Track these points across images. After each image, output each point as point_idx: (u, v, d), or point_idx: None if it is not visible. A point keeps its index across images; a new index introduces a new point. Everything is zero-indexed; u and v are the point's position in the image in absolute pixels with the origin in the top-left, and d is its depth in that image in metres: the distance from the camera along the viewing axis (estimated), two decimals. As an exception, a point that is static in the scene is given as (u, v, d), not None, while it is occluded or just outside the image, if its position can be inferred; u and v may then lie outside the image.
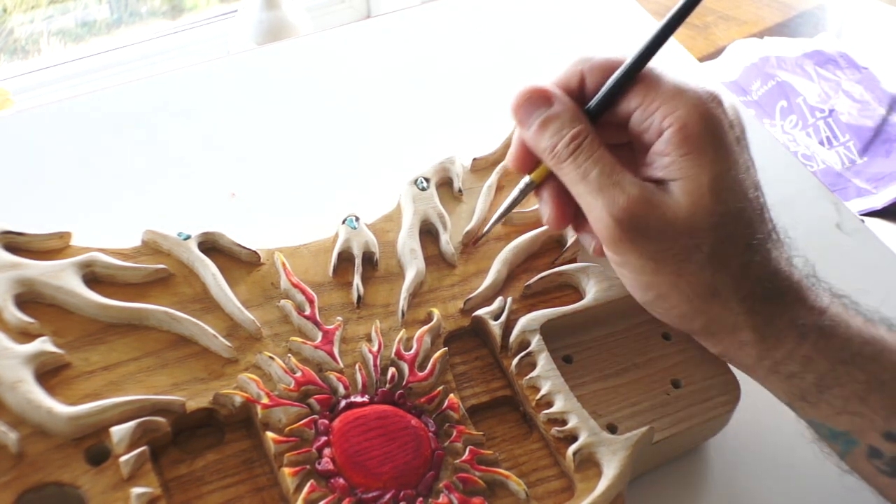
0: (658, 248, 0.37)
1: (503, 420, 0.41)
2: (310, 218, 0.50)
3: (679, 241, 0.37)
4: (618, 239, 0.37)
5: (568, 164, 0.38)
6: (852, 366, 0.37)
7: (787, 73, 1.07)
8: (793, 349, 0.38)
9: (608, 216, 0.37)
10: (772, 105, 1.27)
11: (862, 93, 1.20)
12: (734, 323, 0.38)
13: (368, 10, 1.77)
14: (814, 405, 0.38)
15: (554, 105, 0.39)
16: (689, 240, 0.37)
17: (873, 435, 0.38)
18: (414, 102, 0.62)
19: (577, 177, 0.38)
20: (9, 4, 1.49)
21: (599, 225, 0.37)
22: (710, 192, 0.36)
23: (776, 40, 1.19)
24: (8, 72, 1.48)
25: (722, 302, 0.38)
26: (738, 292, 0.37)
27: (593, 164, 0.37)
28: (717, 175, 0.37)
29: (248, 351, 0.40)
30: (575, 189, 0.38)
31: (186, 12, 1.66)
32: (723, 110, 0.38)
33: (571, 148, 0.38)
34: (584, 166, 0.37)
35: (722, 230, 0.37)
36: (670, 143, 0.37)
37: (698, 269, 0.37)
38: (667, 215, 0.36)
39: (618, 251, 0.38)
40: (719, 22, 0.80)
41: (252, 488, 0.37)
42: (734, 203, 0.37)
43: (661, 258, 0.37)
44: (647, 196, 0.36)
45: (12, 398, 0.35)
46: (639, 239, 0.37)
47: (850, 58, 1.21)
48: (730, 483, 0.43)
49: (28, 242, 0.41)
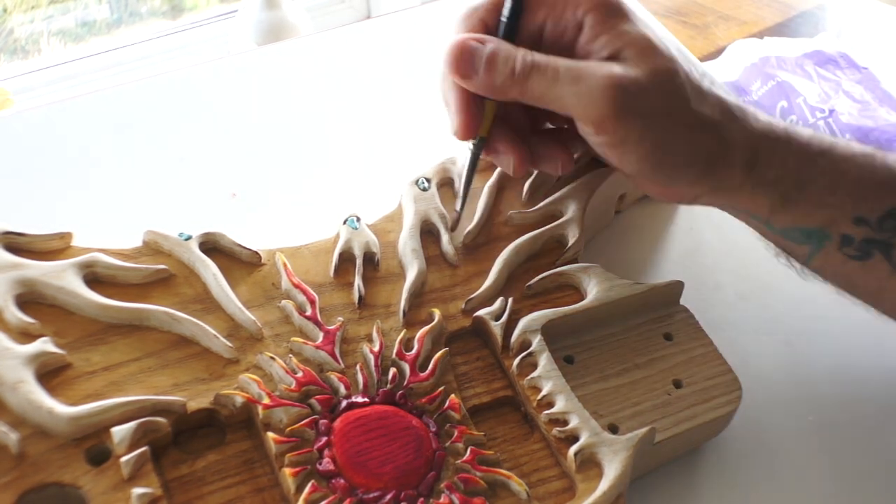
0: (650, 104, 0.39)
1: (504, 420, 0.41)
2: (311, 218, 0.50)
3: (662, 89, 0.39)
4: (616, 111, 0.39)
5: (534, 78, 0.40)
6: (820, 159, 0.41)
7: (787, 73, 1.06)
8: (770, 154, 0.41)
9: (599, 92, 0.38)
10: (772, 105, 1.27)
11: (862, 93, 1.19)
12: (724, 146, 0.41)
13: (368, 10, 1.77)
14: (795, 205, 0.42)
15: (488, 44, 0.41)
16: (667, 86, 0.39)
17: (844, 223, 0.42)
18: (414, 102, 0.62)
19: (549, 83, 0.39)
20: (9, 4, 1.49)
21: (594, 109, 0.39)
22: (655, 42, 0.40)
23: (776, 40, 1.19)
24: (8, 72, 1.48)
25: (711, 129, 0.40)
26: (715, 116, 0.40)
27: (554, 63, 0.39)
28: (646, 28, 0.40)
29: (249, 351, 0.40)
30: (551, 94, 0.40)
31: (186, 12, 1.66)
32: None
33: (530, 62, 0.40)
34: (550, 69, 0.39)
35: (682, 69, 0.40)
36: (596, 24, 0.40)
37: (685, 108, 0.40)
38: (641, 73, 0.39)
39: (618, 124, 0.39)
40: (719, 22, 0.80)
41: (253, 489, 0.37)
42: (675, 46, 0.41)
43: (655, 112, 0.39)
44: (617, 65, 0.39)
45: (13, 398, 0.35)
46: (632, 103, 0.39)
47: (850, 58, 1.21)
48: (730, 483, 0.43)
49: (29, 243, 0.41)
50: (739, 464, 0.44)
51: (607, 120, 0.39)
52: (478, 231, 0.47)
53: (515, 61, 0.40)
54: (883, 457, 0.44)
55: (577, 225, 0.47)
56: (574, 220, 0.48)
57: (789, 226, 0.43)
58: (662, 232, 0.55)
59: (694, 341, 0.45)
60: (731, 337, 0.48)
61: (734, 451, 0.44)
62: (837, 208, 0.42)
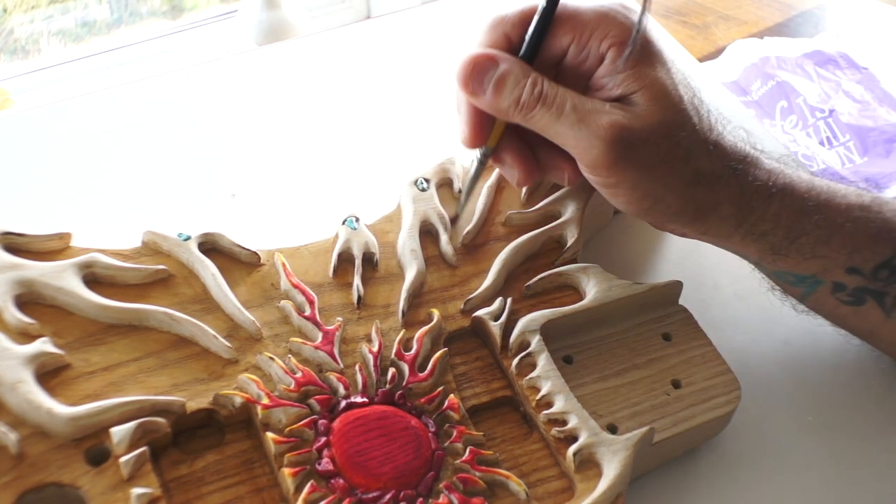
0: (647, 156, 0.39)
1: (503, 420, 0.41)
2: (310, 218, 0.50)
3: (662, 144, 0.39)
4: (611, 161, 0.39)
5: (538, 110, 0.39)
6: (815, 214, 0.42)
7: (787, 73, 1.07)
8: (764, 210, 0.41)
9: (599, 141, 0.38)
10: (772, 105, 1.27)
11: (862, 93, 1.19)
12: (716, 200, 0.41)
13: (368, 10, 1.77)
14: (785, 256, 0.42)
15: (501, 64, 0.40)
16: (670, 140, 0.39)
17: (837, 272, 0.43)
18: (414, 103, 0.62)
19: (551, 118, 0.39)
20: (9, 4, 1.49)
21: (589, 154, 0.39)
22: (670, 90, 0.39)
23: (776, 40, 1.19)
24: (8, 72, 1.48)
25: (705, 185, 0.40)
26: (715, 172, 0.40)
27: (563, 100, 0.39)
28: (666, 74, 0.40)
29: (249, 351, 0.40)
30: (552, 130, 0.40)
31: (186, 12, 1.66)
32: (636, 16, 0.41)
33: (536, 94, 0.39)
34: (556, 105, 0.39)
35: (690, 122, 0.40)
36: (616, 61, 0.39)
37: (683, 162, 0.40)
38: (645, 125, 0.39)
39: (612, 172, 0.39)
40: (719, 22, 0.80)
41: (252, 489, 0.37)
42: (688, 93, 0.40)
43: (653, 164, 0.39)
44: (622, 113, 0.39)
45: (12, 399, 0.35)
46: (629, 153, 0.39)
47: (850, 58, 1.21)
48: (730, 483, 0.43)
49: (28, 243, 0.41)
50: (738, 464, 0.44)
51: (602, 166, 0.39)
52: (477, 231, 0.47)
53: (524, 90, 0.39)
54: (882, 457, 0.45)
55: (575, 225, 0.47)
56: (573, 221, 0.48)
57: (781, 270, 0.44)
58: (661, 232, 0.55)
59: (693, 341, 0.45)
60: (730, 337, 0.48)
61: (733, 451, 0.44)
62: (830, 259, 0.42)
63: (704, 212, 0.41)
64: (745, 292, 0.51)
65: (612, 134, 0.38)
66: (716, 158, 0.41)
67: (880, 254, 0.42)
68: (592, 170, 0.40)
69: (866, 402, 0.47)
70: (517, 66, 0.40)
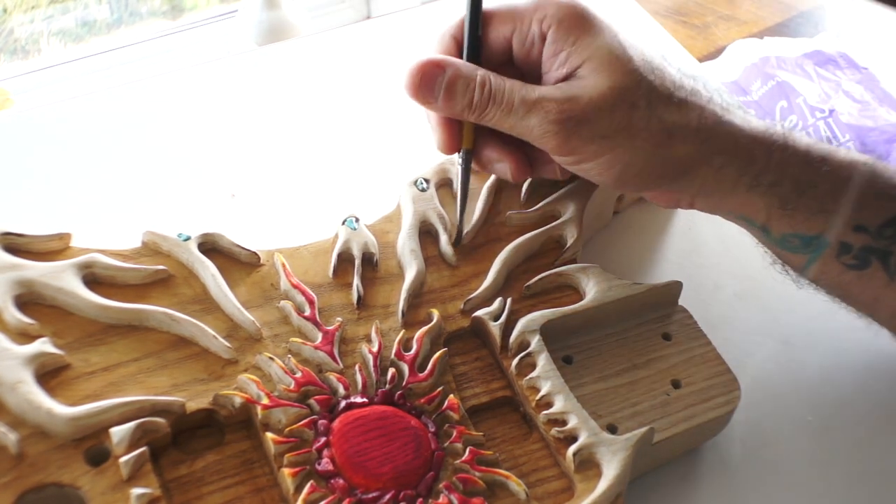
0: (603, 126, 0.39)
1: (503, 420, 0.41)
2: (309, 219, 0.50)
3: (617, 110, 0.39)
4: (567, 140, 0.39)
5: (490, 109, 0.40)
6: (821, 164, 0.41)
7: (787, 73, 1.06)
8: (766, 159, 0.41)
9: (548, 125, 0.39)
10: (772, 105, 1.27)
11: (862, 93, 1.19)
12: (701, 153, 0.40)
13: (368, 10, 1.77)
14: (793, 212, 0.41)
15: (447, 69, 0.41)
16: (624, 103, 0.39)
17: (844, 230, 0.41)
18: (414, 103, 0.62)
19: (503, 113, 0.40)
20: (9, 4, 1.49)
21: (544, 140, 0.39)
22: (617, 54, 0.39)
23: (776, 40, 1.19)
24: (8, 72, 1.48)
25: (681, 138, 0.40)
26: (691, 124, 0.40)
27: (511, 93, 0.39)
28: (611, 40, 0.39)
29: (248, 352, 0.40)
30: (507, 124, 0.40)
31: (186, 12, 1.66)
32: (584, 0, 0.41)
33: (486, 94, 0.40)
34: (506, 101, 0.40)
35: (645, 81, 0.39)
36: (557, 39, 0.40)
37: (644, 122, 0.39)
38: (594, 97, 0.39)
39: (571, 150, 0.40)
40: (719, 22, 0.80)
41: (252, 489, 0.37)
42: (640, 55, 0.40)
43: (608, 132, 0.39)
44: (567, 91, 0.39)
45: (12, 399, 0.35)
46: (583, 129, 0.39)
47: (850, 58, 1.21)
48: (729, 483, 0.43)
49: (28, 243, 0.41)
50: (738, 463, 0.44)
51: (559, 149, 0.40)
52: (476, 231, 0.47)
53: (474, 91, 0.40)
54: (881, 456, 0.45)
55: (575, 225, 0.47)
56: (573, 221, 0.48)
57: (788, 231, 0.42)
58: (661, 232, 0.55)
59: (692, 341, 0.45)
60: (730, 337, 0.48)
61: (733, 451, 0.44)
62: (840, 213, 0.41)
63: (690, 166, 0.40)
64: (745, 292, 0.51)
65: (559, 116, 0.38)
66: (688, 111, 0.40)
67: (886, 210, 0.41)
68: (552, 152, 0.40)
69: (866, 402, 0.47)
70: (464, 68, 0.41)
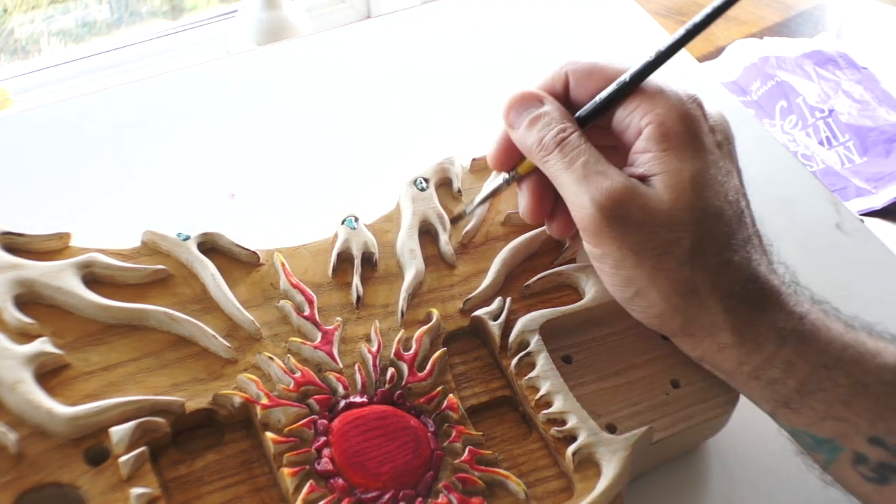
0: (638, 240, 0.37)
1: (502, 420, 0.41)
2: (309, 218, 0.50)
3: (659, 234, 0.37)
4: (599, 228, 0.37)
5: (554, 155, 0.39)
6: (834, 370, 0.37)
7: (786, 73, 1.07)
8: (773, 354, 0.38)
9: (591, 203, 0.37)
10: (772, 105, 1.27)
11: (862, 93, 1.19)
12: (712, 323, 0.38)
13: (368, 10, 1.77)
14: (797, 411, 0.38)
15: (545, 105, 0.40)
16: (669, 233, 0.37)
17: (858, 440, 0.37)
18: (414, 102, 0.62)
19: (562, 166, 0.38)
20: (9, 4, 1.49)
21: (582, 213, 0.38)
22: (690, 187, 0.37)
23: (776, 40, 1.19)
24: (8, 72, 1.48)
25: (700, 300, 0.38)
26: (716, 291, 0.38)
27: (579, 154, 0.38)
28: (696, 171, 0.37)
29: (248, 351, 0.40)
30: (560, 179, 0.39)
31: (186, 12, 1.66)
32: (702, 112, 0.39)
33: (559, 139, 0.39)
34: (571, 156, 0.38)
35: (702, 226, 0.37)
36: (650, 139, 0.38)
37: (677, 264, 0.37)
38: (648, 206, 0.37)
39: (599, 241, 0.38)
40: (719, 22, 0.80)
41: (251, 489, 0.37)
42: (714, 201, 0.38)
43: (640, 250, 0.37)
44: (629, 186, 0.37)
45: (12, 399, 0.35)
46: (620, 228, 0.37)
47: (850, 58, 1.21)
48: (729, 483, 0.43)
49: (27, 243, 0.41)
50: (737, 463, 0.44)
51: (588, 230, 0.38)
52: (476, 231, 0.47)
53: (550, 131, 0.39)
54: (881, 456, 0.44)
55: (575, 225, 0.47)
56: (572, 220, 0.48)
57: (797, 427, 0.39)
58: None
59: (692, 341, 0.45)
60: (730, 337, 0.48)
61: (732, 451, 0.44)
62: (850, 423, 0.37)
63: (695, 329, 0.38)
64: (745, 292, 0.51)
65: (605, 201, 0.37)
66: (722, 276, 0.38)
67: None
68: (582, 231, 0.39)
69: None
70: (557, 110, 0.40)
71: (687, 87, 0.39)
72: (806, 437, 0.39)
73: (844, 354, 0.38)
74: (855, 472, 0.38)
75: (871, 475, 0.38)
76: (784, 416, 0.39)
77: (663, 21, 0.76)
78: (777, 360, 0.38)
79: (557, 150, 0.39)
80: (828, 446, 0.38)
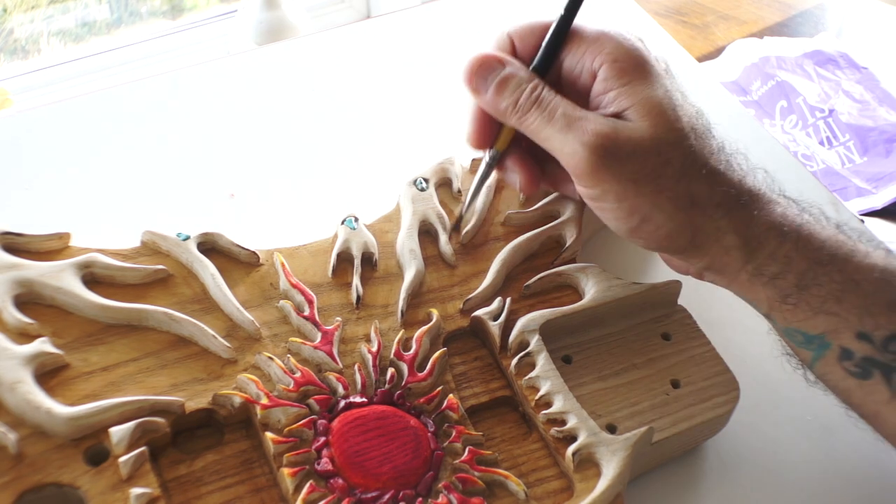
0: (633, 169, 0.39)
1: (502, 420, 0.41)
2: (309, 218, 0.50)
3: (650, 159, 0.39)
4: (594, 168, 0.38)
5: (532, 113, 0.40)
6: (829, 265, 0.40)
7: (787, 73, 1.07)
8: (775, 249, 0.40)
9: (581, 147, 0.38)
10: (772, 105, 1.27)
11: (862, 93, 1.20)
12: (717, 228, 0.40)
13: (368, 10, 1.77)
14: (794, 307, 0.40)
15: (507, 66, 0.41)
16: (659, 156, 0.39)
17: (846, 336, 0.40)
18: (414, 102, 0.62)
19: (543, 121, 0.40)
20: (9, 4, 1.49)
21: (573, 160, 0.39)
22: (663, 111, 0.39)
23: (776, 40, 1.19)
24: (8, 72, 1.48)
25: (701, 210, 0.39)
26: (714, 198, 0.39)
27: (556, 106, 0.39)
28: (663, 96, 0.39)
29: (248, 351, 0.40)
30: (543, 134, 0.40)
31: (186, 12, 1.66)
32: (644, 45, 0.41)
33: (533, 98, 0.40)
34: (549, 109, 0.39)
35: (685, 143, 0.39)
36: (609, 78, 0.39)
37: (673, 182, 0.39)
38: (633, 138, 0.38)
39: (595, 181, 0.39)
40: (719, 22, 0.80)
41: (251, 489, 0.37)
42: (686, 119, 0.40)
43: (638, 178, 0.39)
44: (610, 123, 0.39)
45: (12, 399, 0.35)
46: (613, 163, 0.38)
47: (850, 58, 1.21)
48: (729, 483, 0.43)
49: (27, 243, 0.41)
50: (737, 463, 0.44)
51: (584, 174, 0.39)
52: (476, 231, 0.47)
53: (523, 93, 0.40)
54: (881, 456, 0.45)
55: (575, 225, 0.47)
56: (572, 220, 0.48)
57: (791, 325, 0.41)
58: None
59: (692, 341, 0.45)
60: (729, 337, 0.48)
61: (732, 451, 0.44)
62: (840, 318, 0.40)
63: (703, 239, 0.40)
64: (745, 292, 0.51)
65: (595, 141, 0.38)
66: (714, 184, 0.39)
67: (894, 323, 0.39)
68: (577, 178, 0.40)
69: (865, 402, 0.47)
70: (521, 69, 0.41)
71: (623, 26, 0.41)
72: (797, 335, 0.41)
73: (838, 252, 0.40)
74: (840, 367, 0.41)
75: (854, 370, 0.40)
76: (780, 314, 0.41)
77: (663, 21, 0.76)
78: (779, 254, 0.40)
79: (535, 108, 0.40)
80: (817, 342, 0.40)
